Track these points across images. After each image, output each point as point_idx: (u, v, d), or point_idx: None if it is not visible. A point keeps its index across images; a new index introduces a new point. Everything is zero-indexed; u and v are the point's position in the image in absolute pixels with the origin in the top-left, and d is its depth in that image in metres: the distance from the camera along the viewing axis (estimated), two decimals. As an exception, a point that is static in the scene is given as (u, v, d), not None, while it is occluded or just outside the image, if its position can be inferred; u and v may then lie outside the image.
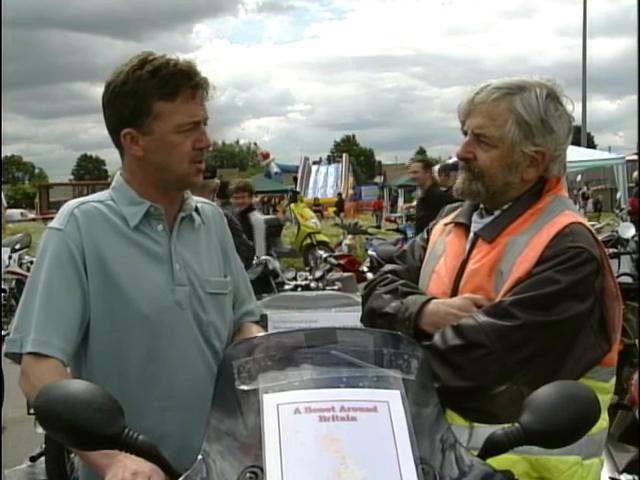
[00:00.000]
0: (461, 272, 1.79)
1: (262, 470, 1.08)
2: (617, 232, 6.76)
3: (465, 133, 1.82)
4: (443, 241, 1.92)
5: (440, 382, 1.55)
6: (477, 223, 1.85)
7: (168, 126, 1.75)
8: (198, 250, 1.90)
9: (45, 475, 3.69)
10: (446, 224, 1.95)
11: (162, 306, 1.78)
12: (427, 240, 2.00)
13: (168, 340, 1.79)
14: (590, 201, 32.92)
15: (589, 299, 1.64)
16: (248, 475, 1.10)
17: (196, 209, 1.93)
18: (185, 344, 1.81)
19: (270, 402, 1.15)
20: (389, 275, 1.95)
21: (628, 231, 6.76)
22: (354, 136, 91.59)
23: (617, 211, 12.78)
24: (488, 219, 1.83)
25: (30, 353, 1.66)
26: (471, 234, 1.84)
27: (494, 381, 1.61)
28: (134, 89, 1.74)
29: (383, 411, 1.15)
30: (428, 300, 1.77)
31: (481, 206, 1.88)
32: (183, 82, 1.75)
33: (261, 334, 1.37)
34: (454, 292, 1.78)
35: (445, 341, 1.65)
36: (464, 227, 1.88)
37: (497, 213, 1.82)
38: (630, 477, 2.97)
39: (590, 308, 1.64)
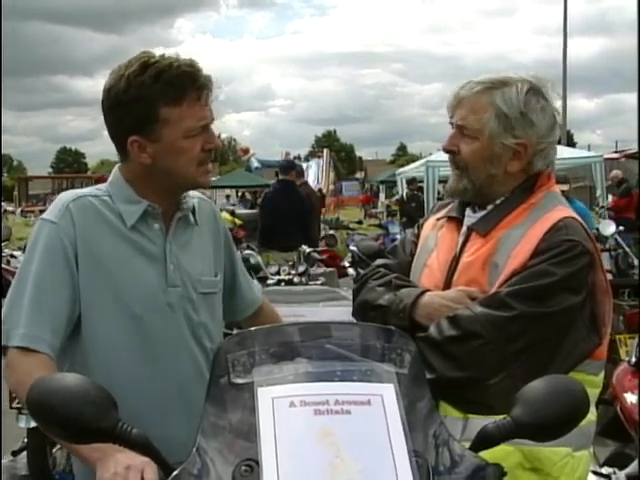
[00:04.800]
0: (454, 266, 1.80)
1: (257, 463, 1.08)
2: (597, 229, 6.83)
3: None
4: (435, 235, 1.93)
5: (436, 373, 1.56)
6: (470, 217, 1.86)
7: (177, 132, 1.71)
8: (192, 249, 1.87)
9: (27, 470, 3.65)
10: (438, 219, 1.96)
11: (153, 307, 1.76)
12: (418, 235, 2.01)
13: (158, 341, 1.77)
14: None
15: (583, 292, 1.66)
16: (243, 468, 1.10)
17: (192, 208, 1.89)
18: (175, 346, 1.79)
19: (265, 395, 1.15)
20: (381, 269, 1.95)
21: (608, 228, 6.84)
22: (335, 131, 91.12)
23: (596, 209, 12.86)
24: (481, 213, 1.84)
25: (17, 347, 1.63)
26: (464, 228, 1.85)
27: (490, 372, 1.62)
28: (138, 95, 1.68)
29: (377, 404, 1.16)
30: (422, 292, 1.78)
31: None
32: (188, 84, 1.70)
33: (254, 328, 1.37)
34: (446, 285, 1.79)
35: (441, 332, 1.66)
36: (456, 221, 1.89)
37: (490, 208, 1.83)
38: (611, 470, 3.01)
39: (583, 301, 1.66)
